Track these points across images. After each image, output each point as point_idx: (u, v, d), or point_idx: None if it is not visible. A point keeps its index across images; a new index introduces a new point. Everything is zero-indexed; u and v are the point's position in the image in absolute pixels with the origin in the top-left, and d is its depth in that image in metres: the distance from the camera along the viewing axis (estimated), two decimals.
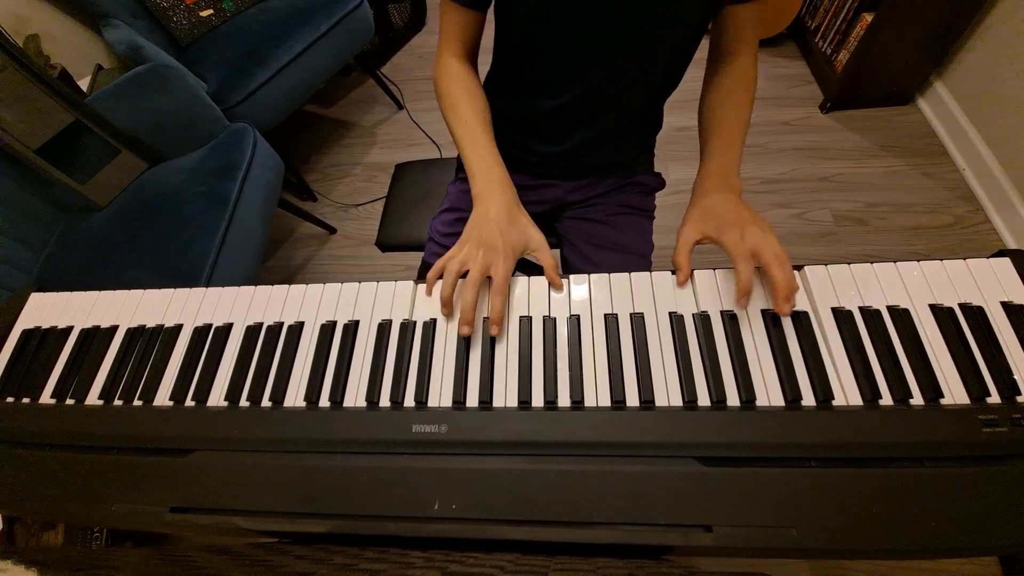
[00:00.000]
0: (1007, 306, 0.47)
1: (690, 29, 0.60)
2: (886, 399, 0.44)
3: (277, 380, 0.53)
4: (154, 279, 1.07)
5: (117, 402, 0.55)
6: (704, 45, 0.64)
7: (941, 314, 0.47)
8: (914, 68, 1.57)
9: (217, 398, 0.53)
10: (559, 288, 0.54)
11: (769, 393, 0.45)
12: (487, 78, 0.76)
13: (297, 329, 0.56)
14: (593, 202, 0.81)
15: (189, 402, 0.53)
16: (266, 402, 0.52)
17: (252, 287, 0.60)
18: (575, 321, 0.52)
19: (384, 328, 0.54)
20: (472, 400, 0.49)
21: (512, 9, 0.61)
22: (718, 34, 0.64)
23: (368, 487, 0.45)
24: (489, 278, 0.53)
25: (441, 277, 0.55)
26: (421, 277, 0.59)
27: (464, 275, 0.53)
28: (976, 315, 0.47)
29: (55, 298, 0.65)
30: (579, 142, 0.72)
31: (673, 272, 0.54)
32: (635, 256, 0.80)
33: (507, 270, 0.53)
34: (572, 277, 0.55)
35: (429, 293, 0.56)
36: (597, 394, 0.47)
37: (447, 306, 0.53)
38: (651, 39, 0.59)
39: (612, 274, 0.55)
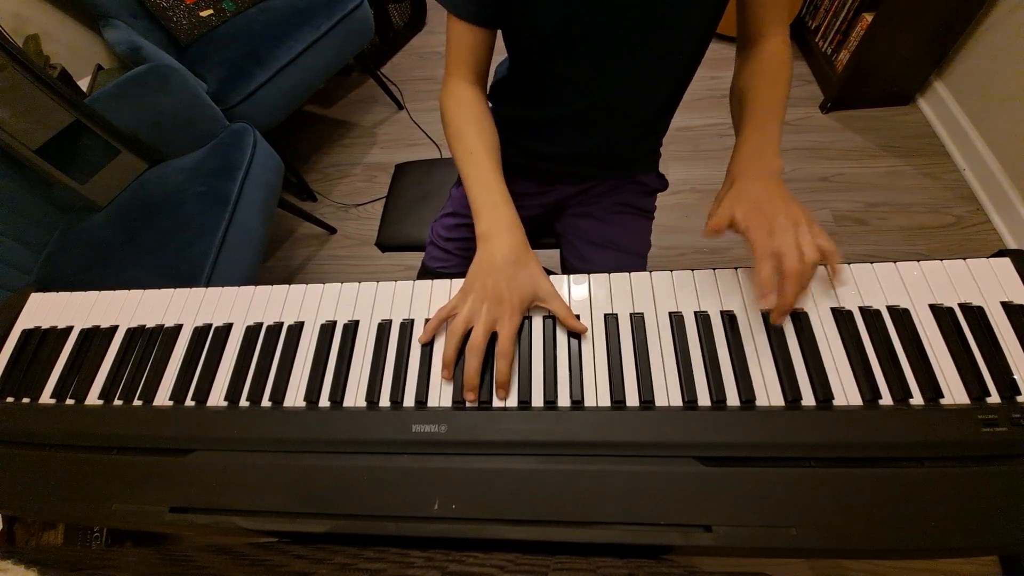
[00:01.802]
0: (1007, 306, 0.47)
1: (704, 30, 0.60)
2: (886, 399, 0.44)
3: (277, 380, 0.53)
4: (154, 279, 1.07)
5: (117, 402, 0.55)
6: (714, 46, 0.64)
7: (941, 314, 0.47)
8: (914, 68, 1.57)
9: (217, 398, 0.53)
10: (582, 332, 0.51)
11: (769, 393, 0.45)
12: (498, 83, 0.75)
13: (297, 329, 0.56)
14: (592, 200, 0.81)
15: (189, 402, 0.53)
16: (266, 402, 0.52)
17: (252, 287, 0.60)
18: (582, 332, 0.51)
19: (384, 328, 0.54)
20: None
21: (531, 24, 0.58)
22: (743, 19, 0.60)
23: (368, 487, 0.45)
24: (494, 334, 0.50)
25: (441, 326, 0.52)
26: (421, 280, 0.58)
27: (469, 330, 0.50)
28: (976, 315, 0.47)
29: (55, 298, 0.65)
30: (592, 145, 0.71)
31: (673, 271, 0.54)
32: (631, 255, 0.80)
33: (513, 328, 0.49)
34: (572, 277, 0.55)
35: (425, 340, 0.52)
36: (597, 394, 0.47)
37: (448, 368, 0.50)
38: (668, 44, 0.58)
39: (612, 274, 0.55)
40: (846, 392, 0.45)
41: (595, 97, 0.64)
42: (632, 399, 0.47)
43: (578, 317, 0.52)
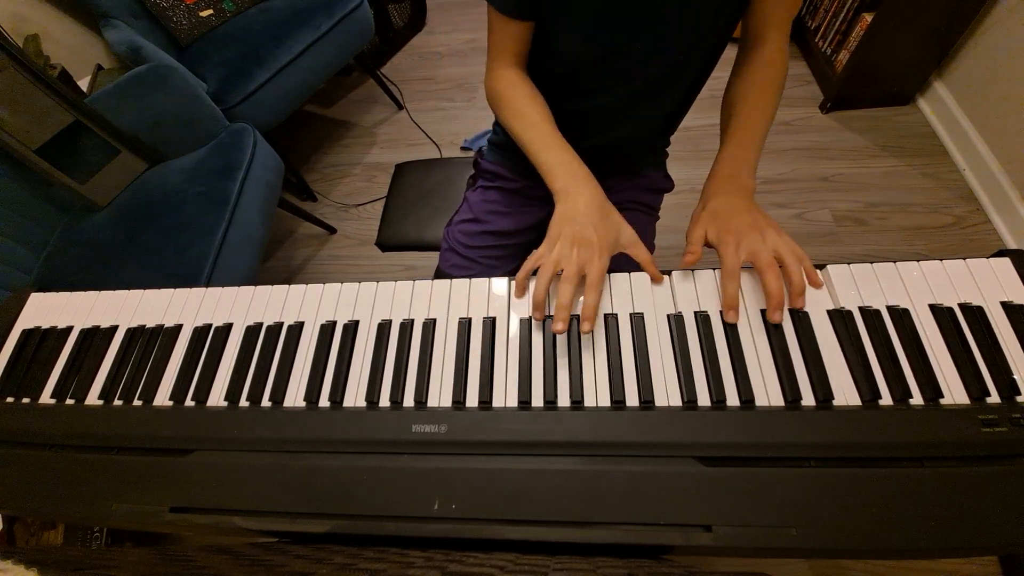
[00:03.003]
0: (1007, 306, 0.47)
1: (724, 32, 0.61)
2: (886, 399, 0.44)
3: (277, 380, 0.53)
4: (154, 279, 1.07)
5: (117, 402, 0.55)
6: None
7: (941, 314, 0.47)
8: (914, 68, 1.57)
9: (217, 398, 0.53)
10: (659, 281, 0.53)
11: (769, 393, 0.45)
12: None
13: (297, 329, 0.56)
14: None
15: (189, 402, 0.53)
16: (266, 402, 0.52)
17: (252, 287, 0.60)
18: (575, 321, 0.51)
19: (384, 328, 0.54)
20: (472, 400, 0.49)
21: (557, 31, 0.60)
22: (748, 15, 0.61)
23: (368, 487, 0.45)
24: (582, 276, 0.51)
25: (529, 278, 0.53)
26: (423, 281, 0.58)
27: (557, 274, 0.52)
28: (976, 315, 0.47)
29: (55, 298, 0.65)
30: (615, 138, 0.72)
31: (673, 271, 0.54)
32: None
33: (603, 267, 0.51)
34: None
35: (520, 295, 0.54)
36: (597, 394, 0.47)
37: (541, 309, 0.51)
38: (690, 47, 0.60)
39: (612, 274, 0.55)
40: (846, 392, 0.44)
41: (615, 96, 0.65)
42: (632, 399, 0.47)
43: (578, 317, 0.52)
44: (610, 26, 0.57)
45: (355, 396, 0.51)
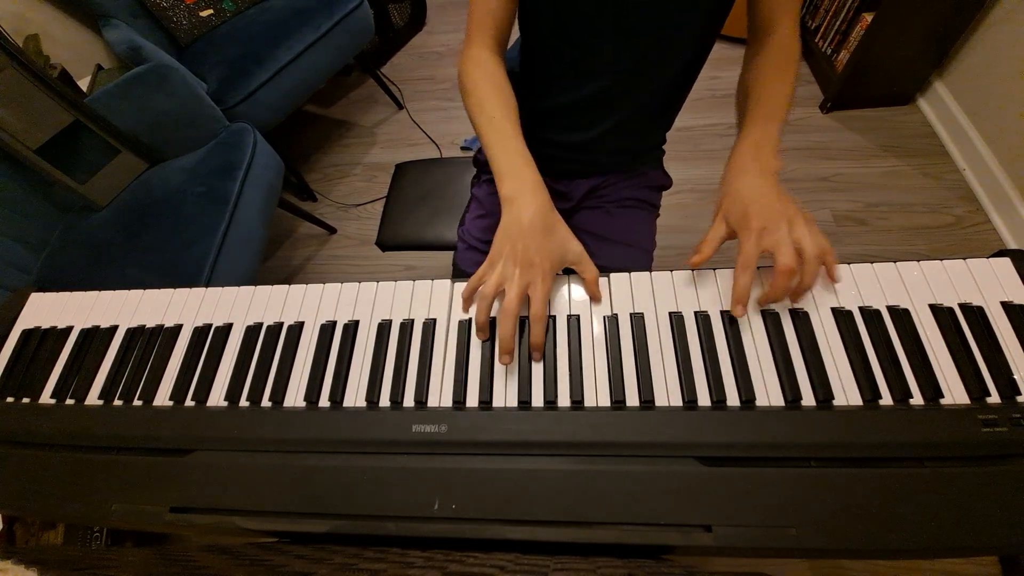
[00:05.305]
0: (1007, 306, 0.47)
1: (710, 18, 0.60)
2: (886, 399, 0.44)
3: (277, 380, 0.53)
4: (154, 279, 1.07)
5: (117, 402, 0.55)
6: (716, 46, 0.64)
7: (941, 314, 0.47)
8: (914, 68, 1.57)
9: (217, 398, 0.53)
10: (597, 302, 0.53)
11: (769, 393, 0.45)
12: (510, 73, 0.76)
13: (297, 329, 0.56)
14: (602, 193, 0.81)
15: (189, 402, 0.53)
16: (266, 402, 0.52)
17: (252, 287, 0.60)
18: (575, 321, 0.51)
19: (384, 328, 0.54)
20: (472, 400, 0.49)
21: (541, 4, 0.59)
22: (755, 8, 0.60)
23: (368, 487, 0.45)
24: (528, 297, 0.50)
25: (475, 294, 0.52)
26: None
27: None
28: (976, 315, 0.47)
29: (55, 298, 0.65)
30: (604, 130, 0.71)
31: (673, 270, 0.54)
32: (638, 251, 0.80)
33: (546, 291, 0.50)
34: (572, 277, 0.55)
35: (466, 309, 0.54)
36: (597, 394, 0.47)
37: (483, 331, 0.51)
38: (678, 24, 0.59)
39: (612, 274, 0.55)
40: (846, 392, 0.44)
41: (604, 81, 0.64)
42: (632, 399, 0.47)
43: (578, 317, 0.52)
44: (579, 21, 0.56)
45: (355, 396, 0.51)
